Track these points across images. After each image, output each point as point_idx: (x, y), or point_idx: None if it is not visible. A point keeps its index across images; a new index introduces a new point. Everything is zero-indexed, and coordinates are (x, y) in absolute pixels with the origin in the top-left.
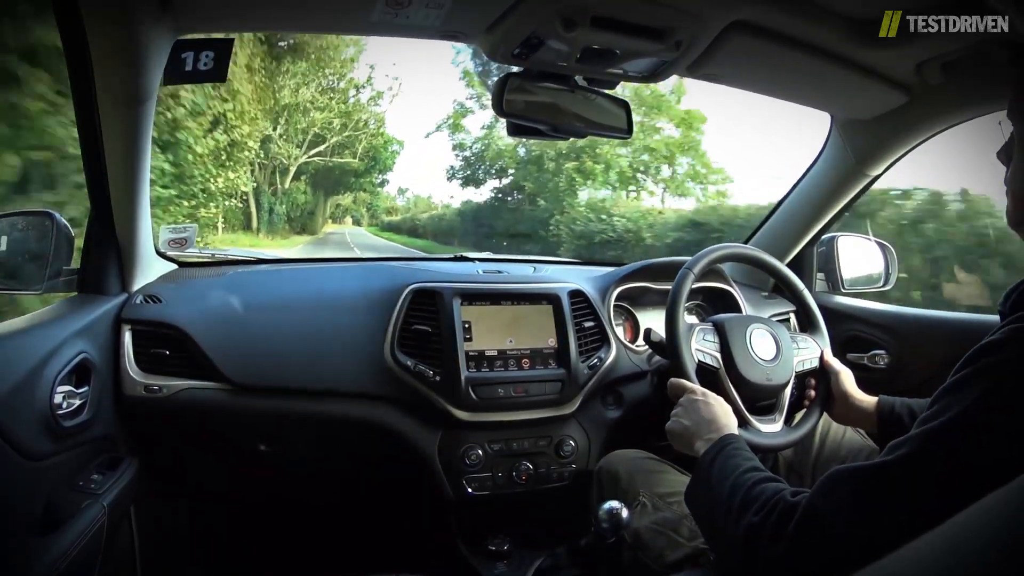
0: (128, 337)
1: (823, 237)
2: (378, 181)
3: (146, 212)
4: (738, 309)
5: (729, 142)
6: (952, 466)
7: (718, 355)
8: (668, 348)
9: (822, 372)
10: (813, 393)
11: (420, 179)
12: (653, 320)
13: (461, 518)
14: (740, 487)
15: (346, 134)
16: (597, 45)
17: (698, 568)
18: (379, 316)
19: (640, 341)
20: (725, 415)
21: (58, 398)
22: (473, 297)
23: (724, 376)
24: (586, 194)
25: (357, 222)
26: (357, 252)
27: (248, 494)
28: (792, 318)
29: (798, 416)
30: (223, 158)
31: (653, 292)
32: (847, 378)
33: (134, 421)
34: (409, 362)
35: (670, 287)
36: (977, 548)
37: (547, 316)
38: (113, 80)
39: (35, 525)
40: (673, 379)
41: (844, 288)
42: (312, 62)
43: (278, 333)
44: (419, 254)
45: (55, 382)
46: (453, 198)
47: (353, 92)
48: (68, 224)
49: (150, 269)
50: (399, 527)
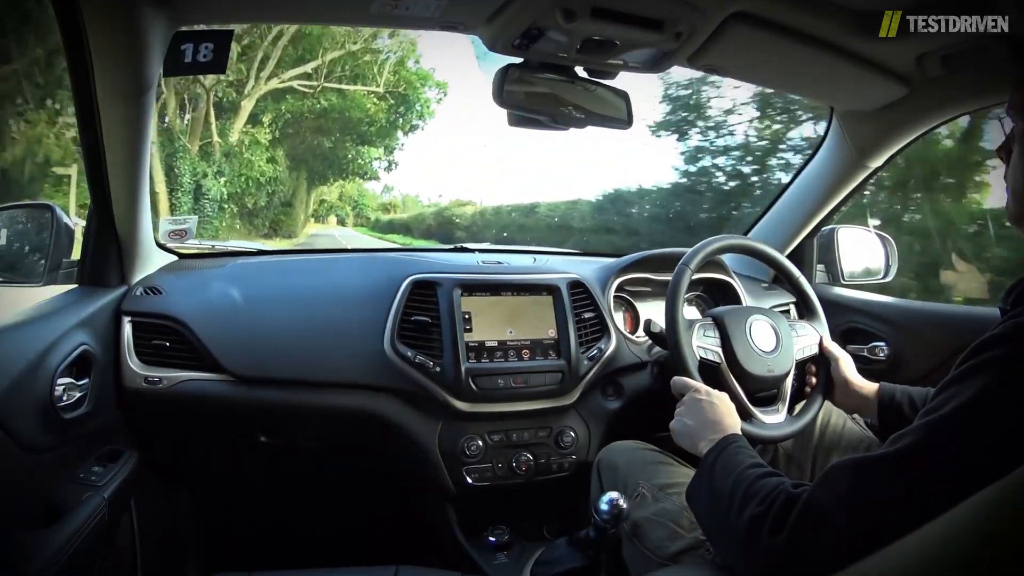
0: (128, 329)
1: (823, 229)
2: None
3: (146, 204)
4: (738, 300)
5: None
6: (953, 459)
7: (719, 350)
8: (669, 344)
9: (822, 358)
10: (814, 380)
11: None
12: (653, 311)
13: (461, 509)
14: (742, 482)
15: (356, 46)
16: (597, 36)
17: (698, 559)
18: (379, 307)
19: (640, 332)
20: (729, 415)
21: (58, 390)
22: (473, 288)
23: (726, 371)
24: None
25: (342, 222)
26: None
27: (248, 486)
28: (792, 309)
29: (800, 405)
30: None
31: (653, 282)
32: (847, 364)
33: (134, 413)
34: (409, 353)
35: (670, 278)
36: (977, 539)
37: (547, 307)
38: (112, 72)
39: (36, 517)
40: (676, 377)
41: (844, 280)
42: None
43: (278, 325)
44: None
45: (55, 374)
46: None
47: None
48: (67, 216)
49: (150, 261)
50: (399, 518)
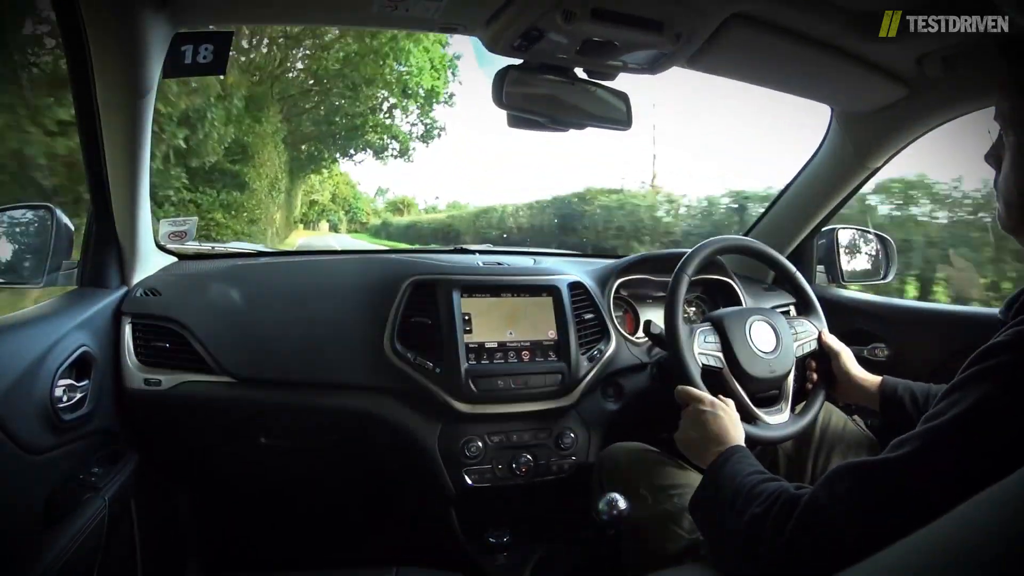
0: (128, 330)
1: (823, 229)
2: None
3: (146, 205)
4: (738, 301)
5: None
6: (954, 464)
7: (720, 355)
8: (671, 353)
9: (821, 353)
10: (815, 376)
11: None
12: (653, 312)
13: (461, 510)
14: (743, 487)
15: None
16: (597, 37)
17: (698, 560)
18: (379, 308)
19: (640, 333)
20: (733, 426)
21: (58, 391)
22: (473, 289)
23: (728, 375)
24: None
25: (335, 227)
26: None
27: (248, 487)
28: (792, 310)
29: (803, 402)
30: None
31: (653, 284)
32: (847, 357)
33: (134, 414)
34: (409, 354)
35: (669, 279)
36: (977, 542)
37: (547, 308)
38: (112, 74)
39: (36, 519)
40: (680, 387)
41: (844, 280)
42: None
43: (278, 326)
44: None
45: (55, 375)
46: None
47: None
48: (67, 218)
49: (150, 262)
50: (399, 519)
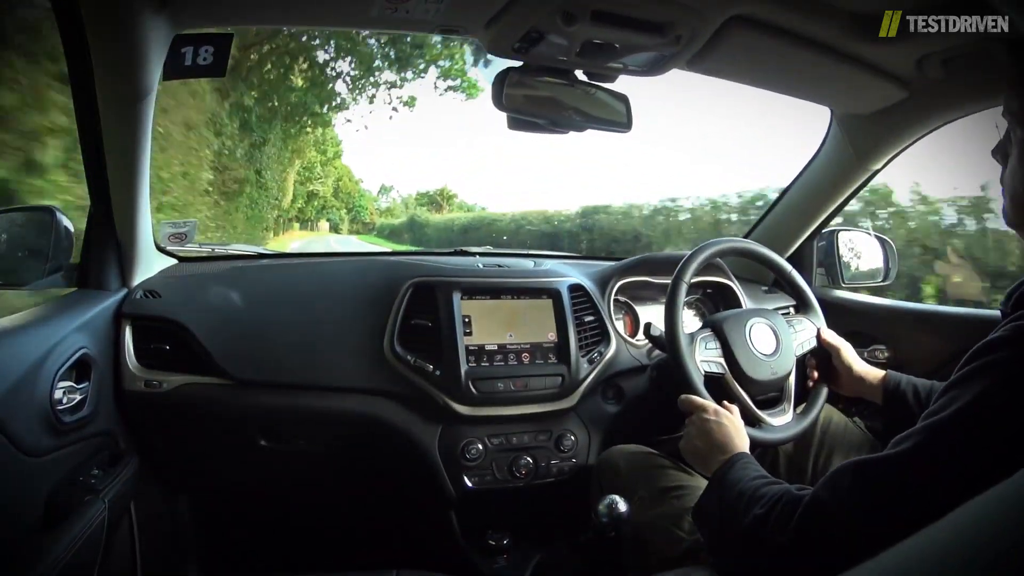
0: (128, 332)
1: (823, 231)
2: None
3: (146, 207)
4: (738, 304)
5: None
6: (955, 460)
7: (722, 361)
8: (673, 362)
9: (820, 350)
10: (816, 374)
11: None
12: (653, 314)
13: (461, 513)
14: (747, 491)
15: None
16: (597, 39)
17: (698, 563)
18: (379, 311)
19: (640, 335)
20: (737, 434)
21: (58, 394)
22: (473, 291)
23: (731, 380)
24: None
25: (335, 227)
26: None
27: (248, 489)
28: (792, 312)
29: (806, 401)
30: None
31: (653, 286)
32: (848, 351)
33: (134, 416)
34: (409, 357)
35: (669, 281)
36: (980, 542)
37: (547, 310)
38: (112, 76)
39: (36, 521)
40: (683, 396)
41: (844, 283)
42: None
43: (278, 328)
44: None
45: (55, 377)
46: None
47: None
48: (68, 220)
49: (150, 264)
50: (399, 522)
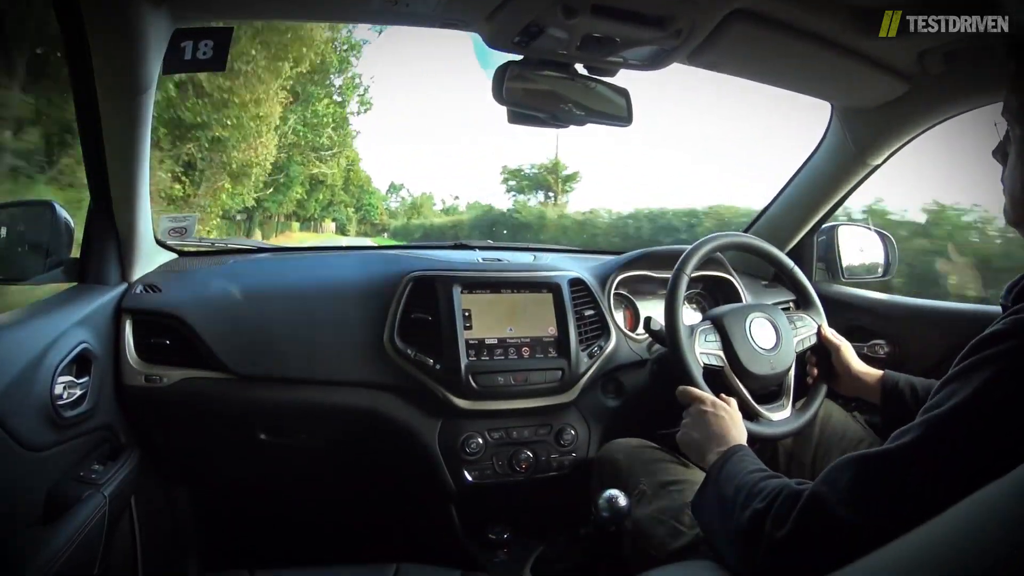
0: (128, 327)
1: (823, 226)
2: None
3: (146, 202)
4: (738, 298)
5: None
6: (954, 454)
7: (721, 354)
8: (672, 353)
9: (821, 347)
10: (815, 371)
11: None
12: (653, 308)
13: (461, 507)
14: (744, 485)
15: None
16: (597, 33)
17: (698, 556)
18: (379, 304)
19: (640, 329)
20: (734, 426)
21: (59, 388)
22: (473, 285)
23: (730, 374)
24: None
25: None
26: None
27: (249, 483)
28: (792, 307)
29: (805, 397)
30: None
31: (653, 280)
32: (848, 350)
33: (135, 411)
34: (409, 351)
35: (669, 275)
36: (979, 537)
37: (547, 304)
38: (112, 70)
39: (36, 515)
40: (681, 387)
41: (844, 277)
42: None
43: (278, 322)
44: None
45: (56, 372)
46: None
47: None
48: (67, 214)
49: (150, 259)
50: (399, 516)
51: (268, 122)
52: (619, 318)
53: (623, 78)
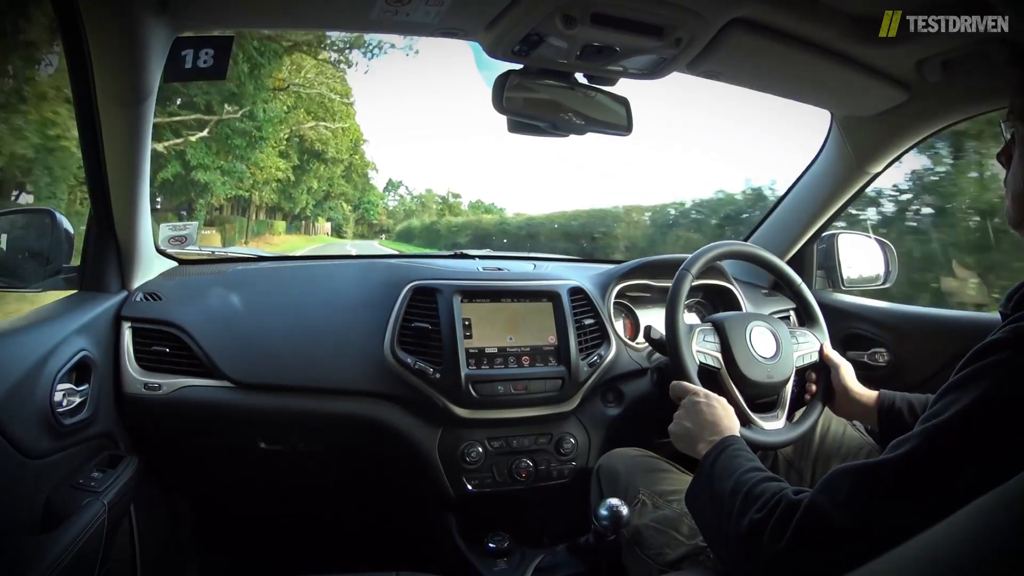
0: (128, 335)
1: (823, 235)
2: None
3: (146, 210)
4: (738, 307)
5: None
6: (953, 464)
7: (719, 355)
8: (669, 350)
9: (822, 366)
10: (814, 388)
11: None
12: (653, 317)
13: (461, 515)
14: (741, 486)
15: None
16: (597, 42)
17: (698, 566)
18: (379, 313)
19: (640, 338)
20: (727, 417)
21: (58, 396)
22: (473, 294)
23: (726, 376)
24: None
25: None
26: None
27: (248, 492)
28: (792, 315)
29: (800, 412)
30: None
31: (653, 289)
32: (847, 371)
33: (134, 419)
34: (409, 359)
35: (670, 284)
36: (979, 546)
37: (547, 313)
38: (112, 78)
39: (35, 523)
40: (675, 381)
41: (844, 286)
42: None
43: (278, 331)
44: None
45: (55, 380)
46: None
47: None
48: (68, 222)
49: (150, 267)
50: (399, 524)
51: None
52: (619, 327)
53: (623, 87)
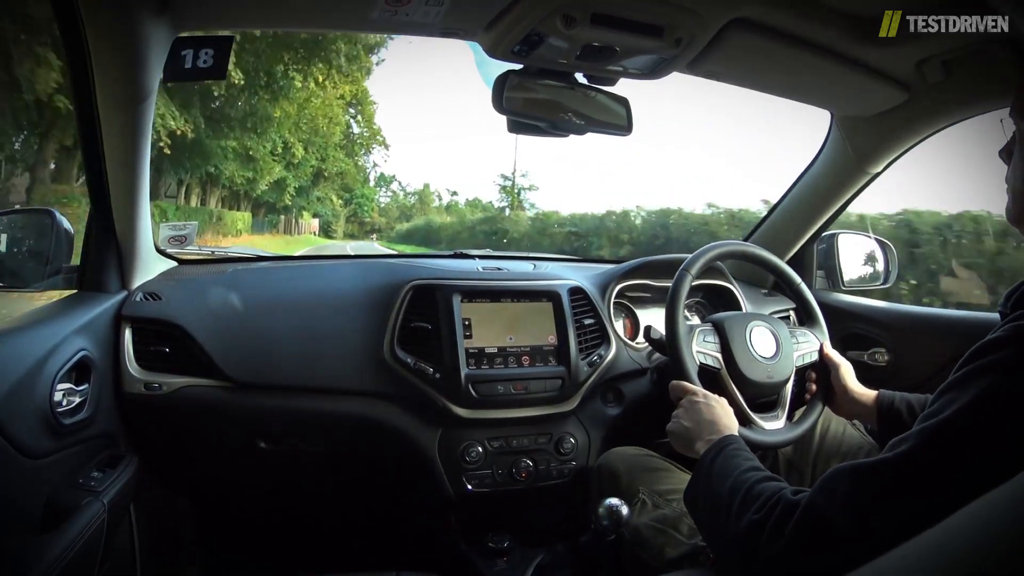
0: (128, 334)
1: (823, 234)
2: None
3: (146, 210)
4: (738, 307)
5: None
6: (952, 463)
7: (719, 355)
8: (669, 350)
9: (822, 365)
10: (814, 387)
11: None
12: (653, 317)
13: (461, 515)
14: (740, 486)
15: None
16: (597, 42)
17: (697, 566)
18: (379, 313)
19: (640, 338)
20: (726, 416)
21: (58, 396)
22: (473, 294)
23: (726, 376)
24: None
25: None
26: None
27: (248, 491)
28: (792, 315)
29: (800, 411)
30: None
31: (653, 289)
32: (847, 371)
33: (134, 418)
34: (409, 359)
35: (670, 284)
36: (978, 546)
37: (547, 313)
38: (112, 78)
39: (35, 523)
40: (675, 381)
41: (844, 286)
42: None
43: (278, 330)
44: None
45: (55, 380)
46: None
47: None
48: (68, 222)
49: (150, 266)
50: (399, 524)
51: None
52: (619, 327)
53: (622, 87)
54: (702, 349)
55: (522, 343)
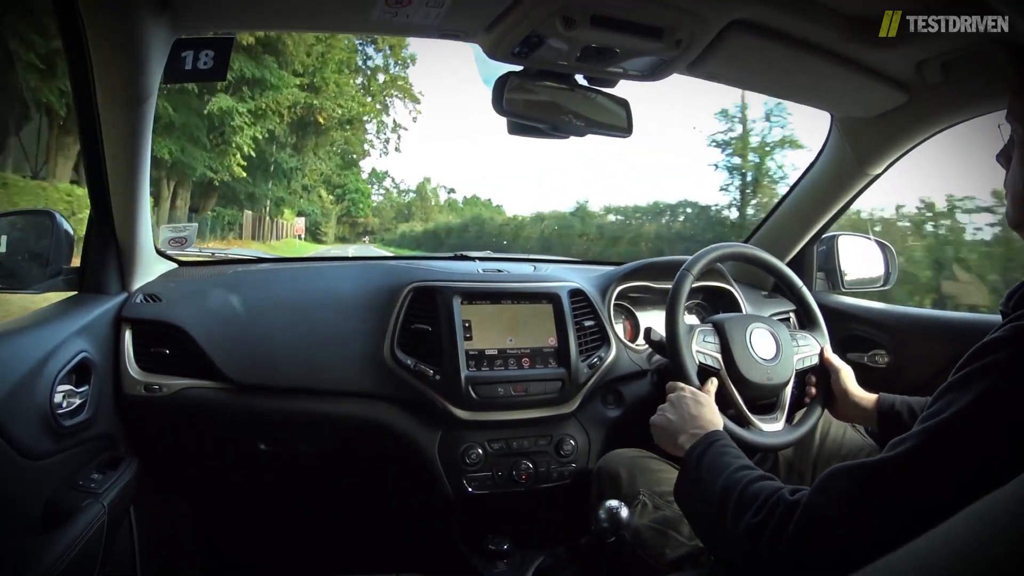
0: (128, 336)
1: (823, 236)
2: None
3: (146, 211)
4: (738, 308)
5: None
6: (952, 463)
7: (718, 356)
8: (668, 349)
9: (822, 369)
10: (814, 391)
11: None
12: (653, 319)
13: (461, 517)
14: (733, 486)
15: None
16: (597, 44)
17: (698, 567)
18: (379, 315)
19: (640, 340)
20: (711, 412)
21: (58, 397)
22: (473, 296)
23: (725, 377)
24: None
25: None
26: None
27: (248, 493)
28: (792, 317)
29: (799, 414)
30: None
31: (653, 291)
32: (847, 375)
33: (134, 420)
34: (409, 361)
35: (670, 286)
36: (979, 548)
37: (547, 315)
38: (113, 79)
39: (35, 524)
40: (671, 383)
41: (844, 287)
42: None
43: (278, 332)
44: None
45: (55, 381)
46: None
47: None
48: (68, 224)
49: (150, 268)
50: (399, 526)
51: None
52: (619, 329)
53: (623, 88)
54: (702, 349)
55: (522, 345)
